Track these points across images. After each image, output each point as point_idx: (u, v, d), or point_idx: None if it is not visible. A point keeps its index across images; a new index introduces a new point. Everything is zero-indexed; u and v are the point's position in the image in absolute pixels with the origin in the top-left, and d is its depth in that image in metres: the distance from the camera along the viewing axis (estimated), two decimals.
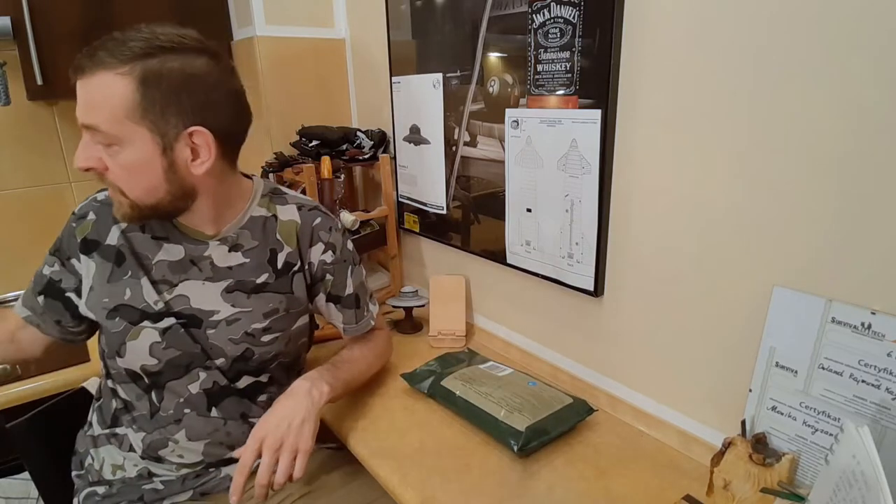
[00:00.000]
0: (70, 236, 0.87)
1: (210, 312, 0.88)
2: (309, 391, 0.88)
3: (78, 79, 0.72)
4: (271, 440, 0.82)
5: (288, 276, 0.94)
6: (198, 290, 0.87)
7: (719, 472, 0.77)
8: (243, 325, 0.89)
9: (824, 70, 0.66)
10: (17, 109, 1.44)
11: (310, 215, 0.96)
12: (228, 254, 0.89)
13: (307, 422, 0.85)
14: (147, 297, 0.85)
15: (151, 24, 0.77)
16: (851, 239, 0.67)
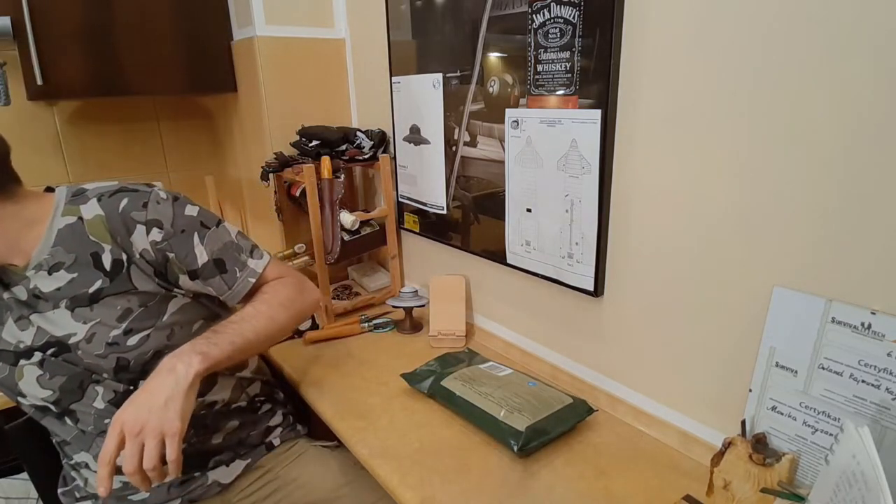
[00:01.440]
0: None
1: (68, 336, 0.85)
2: (173, 367, 0.79)
3: None
4: (130, 426, 0.74)
5: (124, 274, 0.86)
6: (50, 318, 0.85)
7: (719, 472, 0.77)
8: (101, 338, 0.84)
9: (824, 70, 0.66)
10: (17, 109, 1.44)
11: (112, 202, 0.86)
12: (50, 276, 0.84)
13: (171, 401, 0.76)
14: (10, 337, 0.85)
15: None
16: (851, 239, 0.67)
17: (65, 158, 1.56)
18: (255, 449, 0.99)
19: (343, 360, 1.23)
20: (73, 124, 1.55)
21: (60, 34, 1.28)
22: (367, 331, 1.37)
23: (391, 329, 1.38)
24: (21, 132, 1.49)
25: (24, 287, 0.84)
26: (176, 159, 1.72)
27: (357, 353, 1.26)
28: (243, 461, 0.96)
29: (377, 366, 1.20)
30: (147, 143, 1.68)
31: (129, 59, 1.38)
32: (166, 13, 1.41)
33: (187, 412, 0.77)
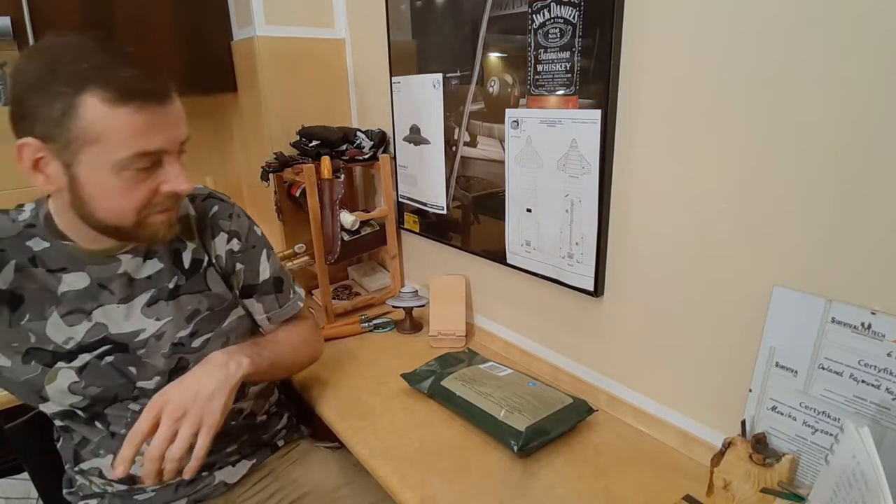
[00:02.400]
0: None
1: (134, 333, 0.81)
2: (225, 363, 0.80)
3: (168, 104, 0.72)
4: (172, 407, 0.73)
5: (200, 274, 0.87)
6: (115, 313, 0.80)
7: (719, 473, 0.77)
8: (169, 337, 0.83)
9: (823, 69, 0.66)
10: None
11: (205, 205, 0.89)
12: (144, 263, 0.82)
13: (218, 394, 0.76)
14: (53, 336, 0.78)
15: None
16: (851, 239, 0.67)
17: None
18: (261, 450, 0.99)
19: (343, 360, 1.23)
20: None
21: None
22: (367, 331, 1.37)
23: (391, 329, 1.38)
24: None
25: (91, 274, 0.79)
26: None
27: (357, 353, 1.26)
28: (249, 461, 0.96)
29: (377, 366, 1.20)
30: None
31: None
32: (166, 13, 1.42)
33: (227, 409, 0.78)
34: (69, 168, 0.68)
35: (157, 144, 0.70)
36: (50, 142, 0.66)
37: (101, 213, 0.72)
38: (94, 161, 0.67)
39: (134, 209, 0.72)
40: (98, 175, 0.68)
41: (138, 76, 0.68)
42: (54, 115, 0.65)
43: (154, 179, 0.72)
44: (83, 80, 0.64)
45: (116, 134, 0.66)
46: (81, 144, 0.66)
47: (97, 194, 0.70)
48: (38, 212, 0.79)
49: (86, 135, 0.65)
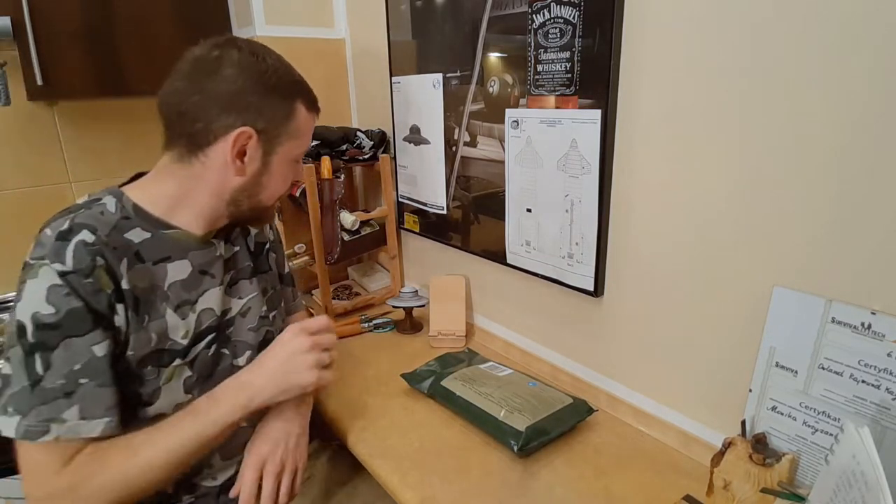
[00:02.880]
0: (94, 295, 0.69)
1: (224, 313, 0.85)
2: (297, 406, 0.87)
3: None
4: (272, 466, 0.80)
5: (263, 256, 0.96)
6: (215, 297, 0.83)
7: (719, 473, 0.77)
8: (256, 312, 0.90)
9: (823, 69, 0.66)
10: (17, 109, 1.44)
11: None
12: (227, 245, 0.87)
13: (301, 437, 0.86)
14: (173, 334, 0.78)
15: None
16: (851, 239, 0.67)
17: (65, 158, 1.55)
18: None
19: (343, 360, 1.23)
20: (73, 124, 1.55)
21: (60, 34, 1.28)
22: (367, 331, 1.37)
23: (391, 329, 1.38)
24: (21, 132, 1.49)
25: (192, 261, 0.81)
26: None
27: (357, 353, 1.26)
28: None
29: (377, 366, 1.20)
30: (147, 143, 1.67)
31: (129, 59, 1.38)
32: (166, 13, 1.41)
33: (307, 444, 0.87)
34: (267, 156, 0.79)
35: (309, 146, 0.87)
36: (264, 134, 0.78)
37: (264, 195, 0.83)
38: (287, 152, 0.81)
39: (283, 192, 0.86)
40: (285, 163, 0.82)
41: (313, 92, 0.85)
42: (279, 114, 0.78)
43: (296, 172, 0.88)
44: (297, 91, 0.81)
45: (306, 134, 0.84)
46: (287, 139, 0.80)
47: (276, 178, 0.82)
48: (123, 203, 0.76)
49: (292, 131, 0.80)
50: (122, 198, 0.77)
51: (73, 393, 0.68)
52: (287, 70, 0.80)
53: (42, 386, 0.67)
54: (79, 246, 0.69)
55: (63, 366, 0.68)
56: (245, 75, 0.74)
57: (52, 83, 1.28)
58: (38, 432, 0.67)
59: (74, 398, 0.68)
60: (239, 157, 0.76)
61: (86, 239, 0.70)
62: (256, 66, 0.75)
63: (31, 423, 0.67)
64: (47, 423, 0.67)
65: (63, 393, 0.68)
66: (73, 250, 0.69)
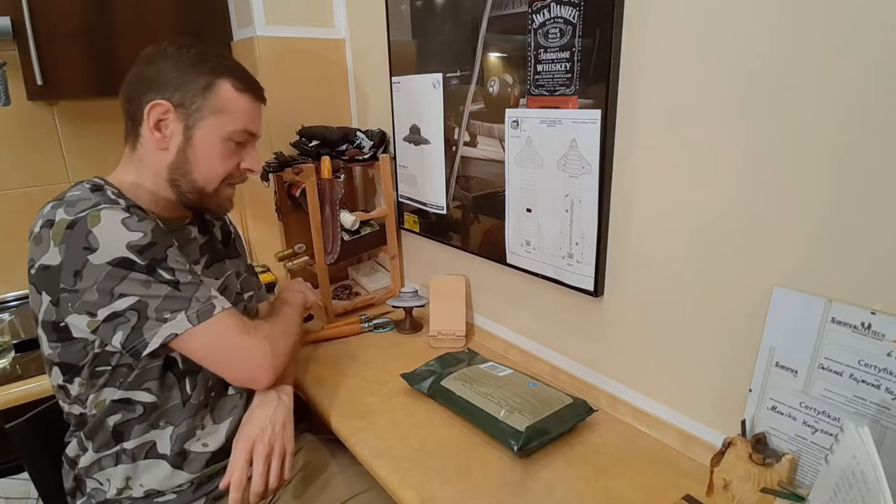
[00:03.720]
0: (166, 247, 0.79)
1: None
2: (279, 396, 0.92)
3: (261, 104, 0.92)
4: (262, 447, 0.83)
5: (231, 243, 1.06)
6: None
7: (719, 472, 0.78)
8: (232, 289, 0.98)
9: (824, 69, 0.66)
10: (17, 109, 1.44)
11: None
12: (199, 233, 0.97)
13: (288, 424, 0.89)
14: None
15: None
16: (851, 239, 0.67)
17: (65, 158, 1.56)
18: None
19: (343, 360, 1.23)
20: (73, 124, 1.55)
21: (60, 34, 1.28)
22: (367, 331, 1.37)
23: (391, 329, 1.38)
24: (21, 132, 1.49)
25: (186, 236, 0.93)
26: None
27: (357, 353, 1.26)
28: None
29: (377, 366, 1.20)
30: None
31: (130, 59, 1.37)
32: (166, 13, 1.41)
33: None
34: (189, 130, 0.84)
35: (254, 128, 0.91)
36: (182, 107, 0.84)
37: (196, 174, 0.87)
38: (212, 127, 0.85)
39: (221, 175, 0.89)
40: (210, 139, 0.85)
41: (254, 80, 0.91)
42: (197, 87, 0.83)
43: (238, 157, 0.90)
44: (222, 70, 0.85)
45: (236, 112, 0.87)
46: (209, 113, 0.84)
47: (202, 155, 0.86)
48: (103, 191, 0.83)
49: (215, 106, 0.84)
50: (102, 187, 0.85)
51: (202, 281, 0.82)
52: (217, 54, 0.87)
53: (182, 283, 0.78)
54: (115, 195, 0.82)
55: (181, 267, 0.80)
56: (170, 59, 0.84)
57: (52, 83, 1.28)
58: (208, 310, 0.80)
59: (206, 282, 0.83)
60: (157, 129, 0.84)
61: (114, 192, 0.83)
62: (184, 50, 0.85)
63: (198, 308, 0.79)
64: (209, 301, 0.81)
65: (198, 281, 0.81)
66: (115, 195, 0.82)
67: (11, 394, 1.13)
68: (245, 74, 0.89)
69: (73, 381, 0.82)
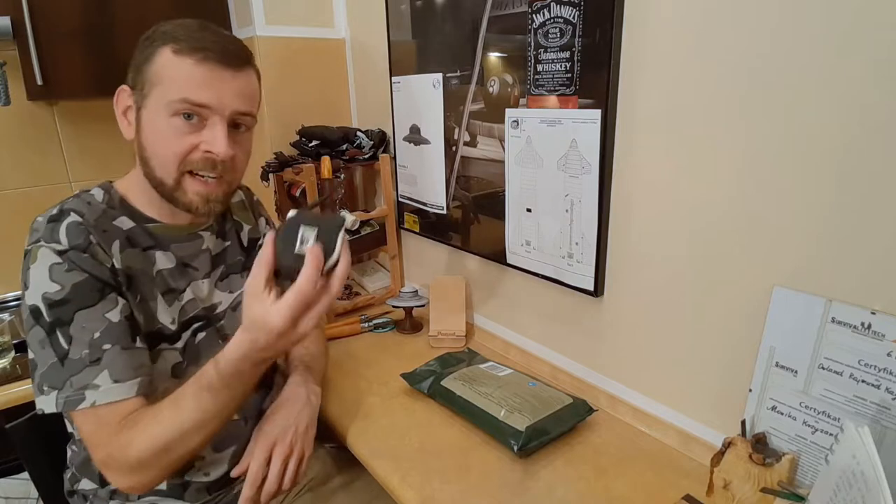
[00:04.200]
0: (96, 267, 0.72)
1: (213, 307, 0.87)
2: (308, 397, 0.89)
3: (233, 71, 0.75)
4: (281, 448, 0.81)
5: (256, 252, 0.95)
6: (201, 288, 0.85)
7: (719, 472, 0.78)
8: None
9: (824, 69, 0.66)
10: (17, 109, 1.44)
11: (248, 191, 1.02)
12: (217, 240, 0.89)
13: (311, 427, 0.87)
14: (161, 317, 0.79)
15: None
16: (851, 239, 0.67)
17: (65, 158, 1.56)
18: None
19: (343, 360, 1.23)
20: (73, 124, 1.55)
21: (60, 34, 1.28)
22: (367, 331, 1.37)
23: (391, 329, 1.38)
24: (21, 132, 1.49)
25: (175, 254, 0.82)
26: None
27: (357, 353, 1.26)
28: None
29: (377, 366, 1.20)
30: None
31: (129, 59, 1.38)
32: (166, 13, 1.40)
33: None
34: (139, 111, 0.76)
35: (203, 98, 0.73)
36: (135, 88, 0.76)
37: (153, 161, 0.76)
38: (154, 103, 0.74)
39: (173, 161, 0.75)
40: (154, 117, 0.74)
41: (214, 40, 0.74)
42: (142, 61, 0.75)
43: (196, 137, 0.75)
44: (167, 38, 0.74)
45: (173, 79, 0.73)
46: (150, 88, 0.74)
47: (150, 137, 0.75)
48: (110, 194, 0.79)
49: (153, 77, 0.73)
50: (110, 190, 0.80)
51: (99, 360, 0.70)
52: (171, 25, 0.76)
53: (70, 358, 0.69)
54: (71, 226, 0.72)
55: (83, 336, 0.70)
56: (140, 40, 0.77)
57: (52, 83, 1.28)
58: (76, 401, 0.69)
59: (102, 364, 0.70)
60: (124, 117, 0.78)
61: (76, 220, 0.73)
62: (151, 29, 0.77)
63: (68, 394, 0.69)
64: (82, 392, 0.69)
65: (90, 361, 0.70)
66: (66, 230, 0.72)
67: (11, 394, 1.13)
68: (198, 35, 0.74)
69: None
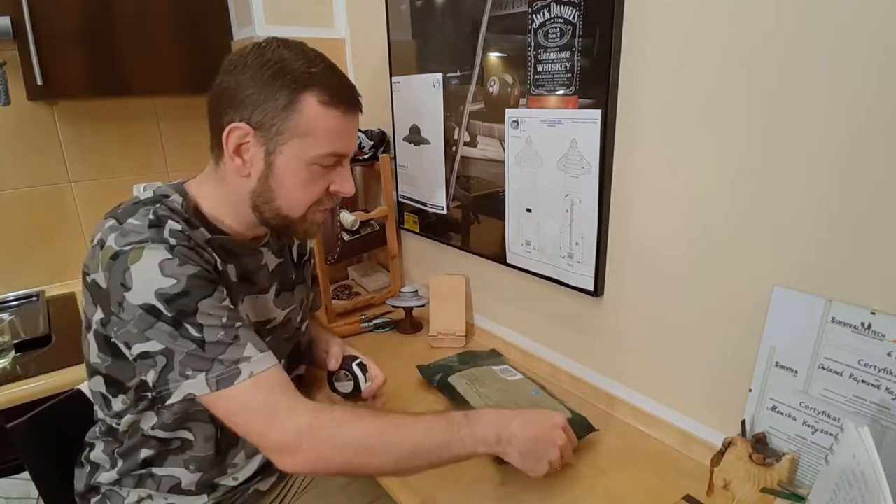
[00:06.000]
0: (204, 262, 0.72)
1: (267, 321, 0.85)
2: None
3: (357, 114, 0.78)
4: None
5: (302, 267, 0.97)
6: (254, 304, 0.83)
7: (719, 472, 0.78)
8: (293, 323, 0.91)
9: (824, 69, 0.66)
10: (17, 109, 1.44)
11: None
12: (273, 255, 0.88)
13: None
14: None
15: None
16: (851, 239, 0.67)
17: (65, 158, 1.56)
18: None
19: None
20: (73, 124, 1.55)
21: (60, 34, 1.28)
22: (367, 331, 1.37)
23: (391, 329, 1.38)
24: (21, 132, 1.49)
25: (238, 267, 0.81)
26: (176, 159, 1.72)
27: None
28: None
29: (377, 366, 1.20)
30: (147, 144, 1.68)
31: (129, 59, 1.38)
32: (166, 13, 1.41)
33: None
34: (270, 155, 0.74)
35: (345, 148, 0.77)
36: (262, 129, 0.72)
37: (280, 201, 0.76)
38: (294, 152, 0.73)
39: (307, 202, 0.77)
40: (293, 165, 0.74)
41: (347, 86, 0.76)
42: (277, 106, 0.71)
43: (328, 179, 0.78)
44: (308, 82, 0.71)
45: (322, 132, 0.73)
46: (291, 136, 0.72)
47: (285, 183, 0.75)
48: (186, 202, 0.77)
49: (298, 128, 0.72)
50: (186, 196, 0.78)
51: (238, 338, 0.70)
52: (300, 60, 0.72)
53: (208, 342, 0.68)
54: (174, 230, 0.71)
55: (212, 320, 0.69)
56: (250, 70, 0.72)
57: (52, 83, 1.28)
58: (231, 377, 0.68)
59: (241, 340, 0.70)
60: (237, 155, 0.74)
61: (175, 227, 0.72)
62: (261, 57, 0.72)
63: (220, 373, 0.68)
64: (235, 365, 0.68)
65: (230, 340, 0.69)
66: (170, 232, 0.71)
67: (11, 394, 1.13)
68: (334, 82, 0.74)
69: (118, 396, 0.78)
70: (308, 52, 0.74)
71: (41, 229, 1.54)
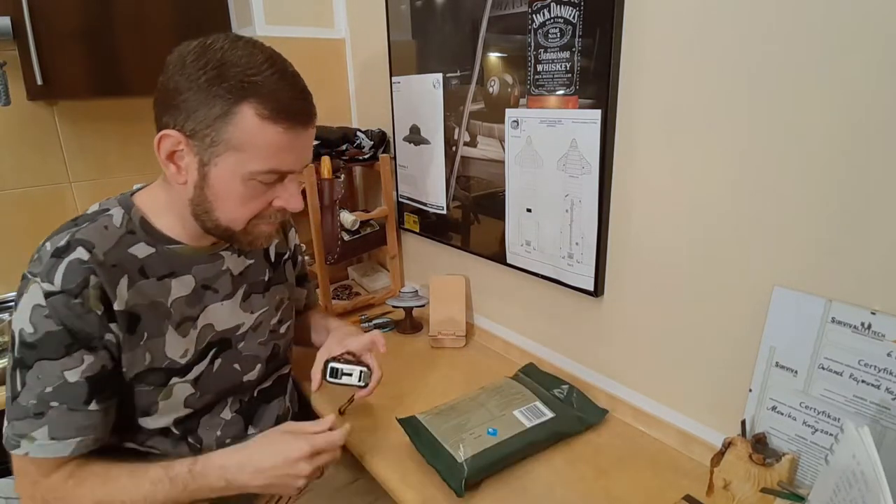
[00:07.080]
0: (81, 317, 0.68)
1: (235, 328, 0.85)
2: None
3: (306, 128, 0.72)
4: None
5: (281, 266, 0.95)
6: (219, 311, 0.83)
7: (719, 472, 0.78)
8: (266, 326, 0.90)
9: (824, 69, 0.66)
10: (17, 109, 1.44)
11: None
12: (239, 258, 0.86)
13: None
14: (170, 352, 0.76)
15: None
16: (851, 239, 0.67)
17: (65, 158, 1.55)
18: None
19: None
20: (73, 124, 1.55)
21: (60, 34, 1.28)
22: (367, 331, 1.37)
23: (391, 329, 1.38)
24: (21, 132, 1.48)
25: (196, 275, 0.79)
26: None
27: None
28: None
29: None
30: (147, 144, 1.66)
31: (129, 59, 1.38)
32: (166, 13, 1.41)
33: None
34: (203, 166, 0.69)
35: (288, 165, 0.71)
36: (195, 139, 0.68)
37: (217, 213, 0.73)
38: (229, 166, 0.69)
39: (247, 217, 0.74)
40: (228, 180, 0.70)
41: (296, 98, 0.69)
42: (211, 115, 0.66)
43: (271, 193, 0.73)
44: (246, 92, 0.65)
45: (259, 148, 0.68)
46: (226, 148, 0.67)
47: (221, 196, 0.71)
48: (131, 216, 0.75)
49: (233, 140, 0.67)
50: (130, 210, 0.76)
51: (42, 414, 0.68)
52: (242, 65, 0.65)
53: (18, 402, 0.69)
54: (72, 265, 0.68)
55: (36, 386, 0.68)
56: (187, 70, 0.66)
57: (52, 83, 1.28)
58: (12, 445, 0.70)
59: (44, 420, 0.69)
60: (171, 162, 0.70)
61: (81, 257, 0.68)
62: (201, 58, 0.65)
63: (8, 434, 0.70)
64: (18, 439, 0.69)
65: (34, 413, 0.68)
66: (65, 270, 0.67)
67: None
68: (281, 93, 0.67)
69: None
70: (255, 56, 0.66)
71: (41, 229, 1.52)
